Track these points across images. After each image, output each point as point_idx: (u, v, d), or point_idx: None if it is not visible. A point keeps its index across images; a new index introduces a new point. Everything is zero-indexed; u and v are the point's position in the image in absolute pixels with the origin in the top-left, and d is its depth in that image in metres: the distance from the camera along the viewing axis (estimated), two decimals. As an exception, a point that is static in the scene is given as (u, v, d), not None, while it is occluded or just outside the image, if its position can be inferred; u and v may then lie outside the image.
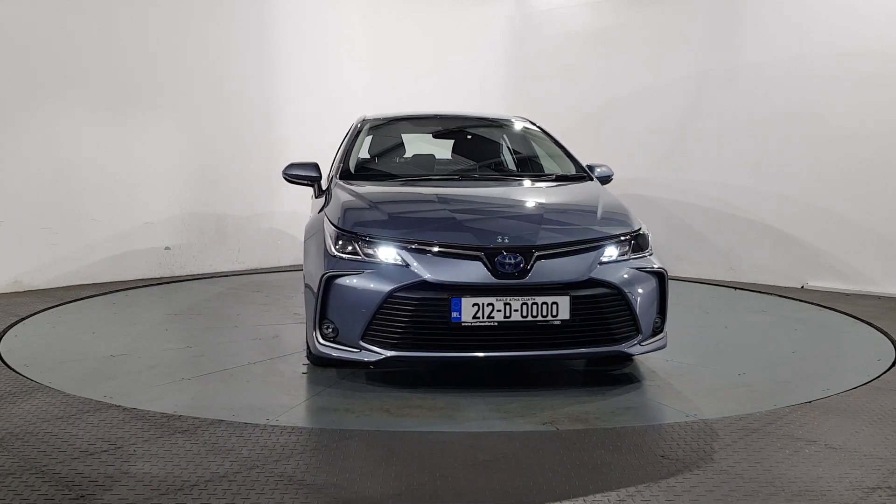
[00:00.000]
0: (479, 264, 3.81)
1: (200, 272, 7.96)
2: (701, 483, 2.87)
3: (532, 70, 9.88)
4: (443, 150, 5.86)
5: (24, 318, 5.67)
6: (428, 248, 3.86)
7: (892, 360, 4.72)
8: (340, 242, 3.98)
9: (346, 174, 4.91)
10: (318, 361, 4.35)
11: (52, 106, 6.92)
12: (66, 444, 3.19)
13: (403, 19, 9.45)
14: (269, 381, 4.23)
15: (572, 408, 3.77)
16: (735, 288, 7.46)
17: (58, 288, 6.91)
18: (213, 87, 8.01)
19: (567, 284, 3.84)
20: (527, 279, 3.80)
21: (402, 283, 3.77)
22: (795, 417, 3.63)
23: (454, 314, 3.73)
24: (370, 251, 3.90)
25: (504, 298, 3.75)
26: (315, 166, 5.09)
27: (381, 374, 4.30)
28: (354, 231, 3.98)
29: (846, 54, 7.23)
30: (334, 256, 3.94)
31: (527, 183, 5.05)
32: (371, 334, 3.82)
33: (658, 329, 4.11)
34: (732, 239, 7.99)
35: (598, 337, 3.92)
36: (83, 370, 4.37)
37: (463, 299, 3.73)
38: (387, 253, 3.87)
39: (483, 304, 3.73)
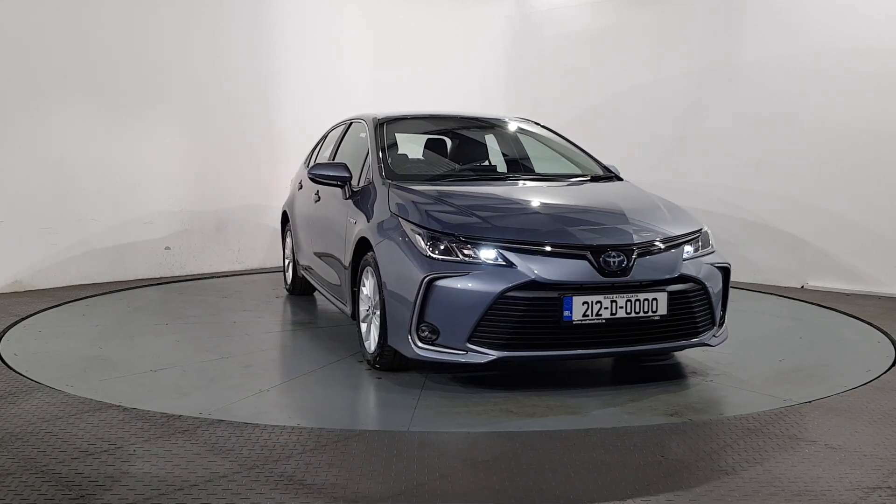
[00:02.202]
0: (585, 263, 3.85)
1: (200, 272, 7.96)
2: (701, 483, 2.87)
3: (532, 70, 9.88)
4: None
5: (24, 318, 5.66)
6: (532, 248, 3.86)
7: (892, 360, 4.73)
8: (435, 244, 3.91)
9: (390, 174, 4.75)
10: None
11: (53, 106, 6.92)
12: (66, 444, 3.19)
13: (403, 19, 9.45)
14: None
15: (682, 399, 3.93)
16: (735, 288, 7.45)
17: (58, 288, 6.91)
18: (214, 87, 8.01)
19: (663, 281, 3.96)
20: (629, 277, 3.88)
21: (513, 283, 3.74)
22: (795, 417, 3.63)
23: (566, 313, 3.77)
24: (469, 252, 3.85)
25: (611, 296, 3.82)
26: (344, 166, 4.98)
27: (468, 378, 4.26)
28: (452, 232, 3.93)
29: (846, 54, 7.23)
30: (430, 258, 3.88)
31: (573, 182, 5.10)
32: (479, 335, 3.78)
33: (722, 321, 4.31)
34: (732, 239, 7.99)
35: (688, 330, 4.09)
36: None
37: (574, 298, 3.77)
38: (488, 253, 3.84)
39: (592, 301, 3.79)
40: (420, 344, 3.88)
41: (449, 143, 5.80)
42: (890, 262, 7.09)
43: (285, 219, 6.95)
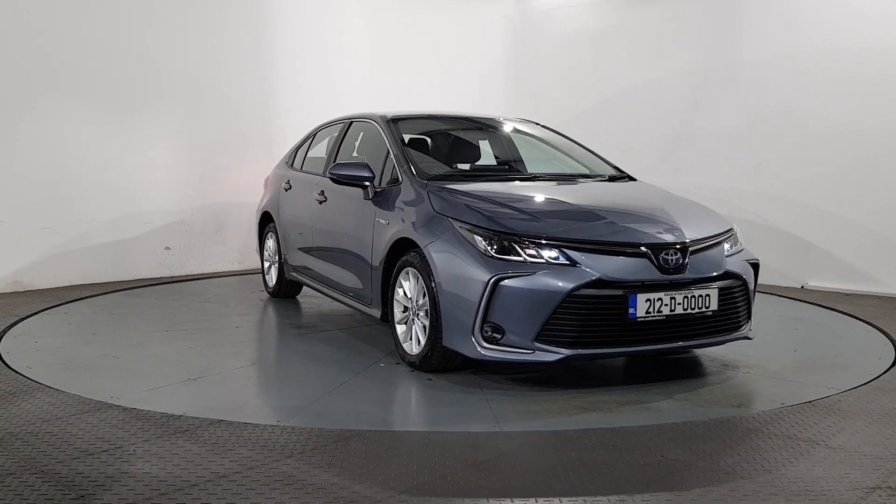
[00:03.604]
0: (645, 261, 3.94)
1: (200, 272, 7.96)
2: (701, 483, 2.87)
3: (531, 70, 9.88)
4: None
5: (24, 318, 5.66)
6: (594, 247, 3.91)
7: (892, 359, 4.73)
8: (496, 244, 3.92)
9: (422, 174, 4.71)
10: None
11: (53, 106, 6.92)
12: (66, 444, 3.18)
13: (403, 19, 9.46)
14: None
15: (734, 390, 4.10)
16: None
17: (58, 288, 6.91)
18: (213, 87, 8.02)
19: (711, 278, 4.09)
20: (685, 274, 4.00)
21: (581, 282, 3.78)
22: (795, 417, 3.63)
23: (631, 310, 3.84)
24: (532, 252, 3.87)
25: (670, 293, 3.93)
26: (367, 166, 4.93)
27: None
28: (514, 232, 3.94)
29: (846, 54, 7.24)
30: (492, 258, 3.89)
31: (598, 182, 5.17)
32: (546, 334, 3.81)
33: (750, 315, 4.45)
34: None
35: (732, 324, 4.25)
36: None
37: (638, 295, 3.85)
38: (550, 253, 3.87)
39: (654, 299, 3.88)
40: (485, 344, 3.88)
41: (459, 143, 5.80)
42: (890, 262, 7.09)
43: (265, 220, 6.77)
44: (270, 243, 6.66)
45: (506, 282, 3.81)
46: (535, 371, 4.36)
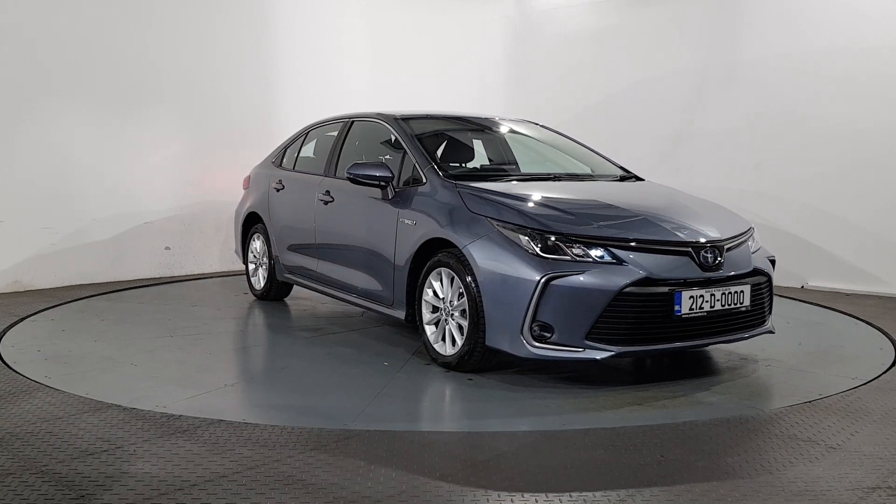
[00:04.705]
0: (687, 259, 4.04)
1: (200, 272, 7.96)
2: (701, 483, 2.87)
3: (531, 70, 9.88)
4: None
5: (24, 318, 5.66)
6: (640, 245, 3.99)
7: (892, 359, 4.73)
8: (542, 244, 3.95)
9: (447, 174, 4.71)
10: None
11: (53, 106, 6.92)
12: (66, 444, 3.18)
13: (403, 19, 9.46)
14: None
15: (765, 384, 4.28)
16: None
17: (58, 288, 6.91)
18: (213, 87, 8.02)
19: (743, 274, 4.22)
20: (722, 271, 4.12)
21: (630, 280, 3.84)
22: (795, 417, 3.63)
23: (676, 307, 3.94)
24: (579, 251, 3.92)
25: (710, 290, 4.04)
26: (385, 166, 4.90)
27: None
28: (561, 232, 3.98)
29: (846, 54, 7.24)
30: (541, 258, 3.92)
31: (616, 182, 5.24)
32: (596, 332, 3.86)
33: (771, 310, 4.57)
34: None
35: (759, 319, 4.39)
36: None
37: (683, 293, 3.94)
38: (597, 252, 3.92)
39: (696, 295, 3.99)
40: (535, 343, 3.91)
41: (468, 142, 5.81)
42: (890, 262, 7.09)
43: (250, 221, 6.66)
44: (257, 244, 6.54)
45: (557, 281, 3.84)
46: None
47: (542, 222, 4.05)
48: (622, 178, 5.36)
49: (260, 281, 6.55)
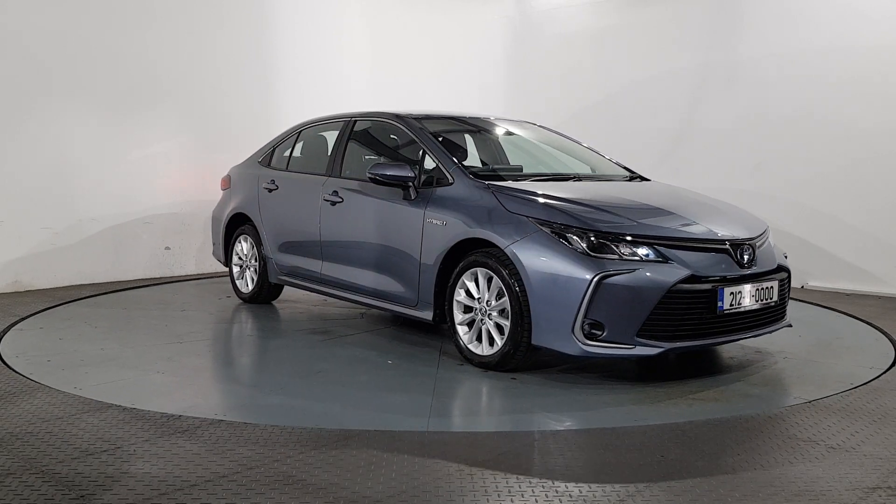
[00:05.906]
0: (726, 256, 4.18)
1: (200, 272, 7.96)
2: (701, 483, 2.87)
3: (531, 70, 9.88)
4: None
5: (24, 318, 5.67)
6: (683, 244, 4.10)
7: (892, 359, 4.73)
8: (590, 243, 3.99)
9: (474, 174, 4.70)
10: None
11: (52, 106, 6.92)
12: (66, 444, 3.18)
13: (403, 19, 9.46)
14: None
15: (787, 376, 4.40)
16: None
17: (58, 288, 6.91)
18: (213, 87, 8.02)
19: (770, 271, 4.39)
20: (755, 268, 4.28)
21: (679, 277, 3.95)
22: (795, 417, 3.63)
23: (719, 303, 4.06)
24: (626, 250, 3.99)
25: (746, 286, 4.19)
26: (408, 166, 4.85)
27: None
28: (609, 231, 4.04)
29: (846, 54, 7.24)
30: (591, 257, 3.96)
31: (632, 183, 5.31)
32: (647, 329, 3.93)
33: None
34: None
35: (782, 313, 4.56)
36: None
37: (724, 289, 4.07)
38: (644, 250, 4.00)
39: (735, 291, 4.12)
40: (587, 341, 3.95)
41: (478, 142, 5.82)
42: (890, 262, 7.09)
43: (235, 223, 6.50)
44: (244, 246, 6.40)
45: (609, 279, 3.89)
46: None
47: (587, 222, 4.08)
48: (630, 179, 5.41)
49: (247, 284, 6.40)
